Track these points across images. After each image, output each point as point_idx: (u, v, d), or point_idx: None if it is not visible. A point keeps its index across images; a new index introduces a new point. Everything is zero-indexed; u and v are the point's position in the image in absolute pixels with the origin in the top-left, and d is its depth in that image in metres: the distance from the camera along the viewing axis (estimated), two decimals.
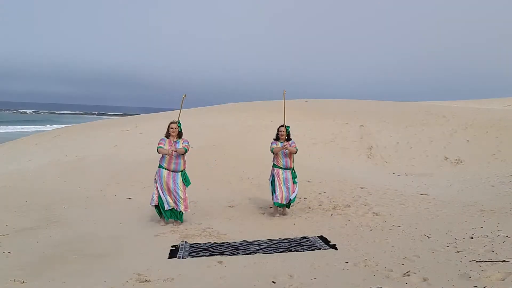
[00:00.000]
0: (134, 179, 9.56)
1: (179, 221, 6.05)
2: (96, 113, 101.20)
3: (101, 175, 10.38)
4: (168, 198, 5.93)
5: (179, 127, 6.03)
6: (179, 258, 4.52)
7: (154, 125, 15.49)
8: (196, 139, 13.12)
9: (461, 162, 10.61)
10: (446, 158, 10.99)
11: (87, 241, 5.36)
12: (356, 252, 4.51)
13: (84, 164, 11.88)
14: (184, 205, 6.00)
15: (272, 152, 6.57)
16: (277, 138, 6.62)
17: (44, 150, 14.42)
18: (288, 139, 6.61)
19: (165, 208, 5.95)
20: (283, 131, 6.55)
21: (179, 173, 5.98)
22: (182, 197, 5.97)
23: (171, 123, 6.01)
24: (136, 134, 15.08)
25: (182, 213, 6.09)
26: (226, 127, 15.03)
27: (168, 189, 5.92)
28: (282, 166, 6.58)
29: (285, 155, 6.57)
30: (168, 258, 4.56)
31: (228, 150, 12.38)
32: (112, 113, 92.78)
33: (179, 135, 6.03)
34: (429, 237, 4.88)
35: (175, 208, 5.98)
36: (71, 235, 5.63)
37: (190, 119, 16.55)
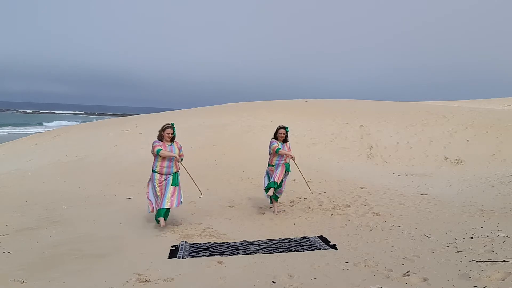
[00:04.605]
0: (134, 179, 9.56)
1: (163, 218, 5.82)
2: (96, 113, 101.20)
3: (101, 175, 10.38)
4: (154, 201, 5.91)
5: (174, 131, 5.94)
6: (179, 258, 4.52)
7: (154, 125, 15.50)
8: (196, 139, 13.13)
9: (461, 162, 10.61)
10: (446, 158, 10.99)
11: (87, 241, 5.35)
12: (356, 252, 4.51)
13: (84, 164, 11.89)
14: (170, 202, 5.82)
15: (277, 152, 6.50)
16: (276, 138, 6.64)
17: (44, 150, 14.42)
18: (286, 140, 6.65)
19: (149, 211, 5.93)
20: (283, 133, 6.57)
21: (171, 175, 5.93)
22: (169, 195, 5.83)
23: (167, 127, 5.88)
24: (136, 134, 15.08)
25: (165, 210, 5.88)
26: (226, 127, 15.03)
27: (160, 191, 5.89)
28: (274, 164, 6.59)
29: (282, 157, 6.58)
30: (168, 258, 4.56)
31: (228, 150, 12.38)
32: (112, 113, 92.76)
33: (172, 138, 5.98)
34: (429, 237, 4.88)
35: (159, 207, 5.85)
36: (71, 235, 5.63)
37: (190, 119, 16.55)
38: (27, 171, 11.53)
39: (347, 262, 4.12)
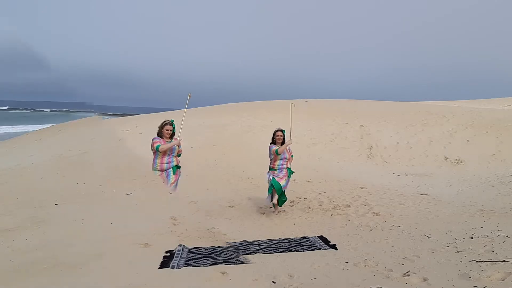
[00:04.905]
0: (135, 174, 9.53)
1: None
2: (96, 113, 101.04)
3: (103, 170, 10.34)
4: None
5: (174, 128, 5.92)
6: (173, 268, 4.08)
7: (154, 125, 15.50)
8: (196, 139, 13.12)
9: (461, 162, 10.60)
10: (446, 158, 10.99)
11: (67, 245, 5.20)
12: (356, 252, 4.50)
13: (85, 159, 11.85)
14: (174, 180, 5.83)
15: (277, 153, 6.50)
16: (273, 142, 6.65)
17: (47, 145, 14.42)
18: (283, 143, 6.66)
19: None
20: (280, 135, 6.58)
21: (171, 168, 5.92)
22: (172, 178, 5.83)
23: (166, 124, 5.86)
24: (136, 134, 15.08)
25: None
26: (226, 127, 15.02)
27: (162, 179, 5.88)
28: (277, 169, 6.57)
29: (284, 158, 6.57)
30: (159, 268, 4.13)
31: (228, 150, 12.37)
32: (112, 113, 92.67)
33: (171, 135, 5.96)
34: (429, 237, 4.88)
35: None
36: (60, 235, 5.57)
37: (190, 119, 16.53)
38: (26, 167, 11.50)
39: (347, 262, 4.12)
